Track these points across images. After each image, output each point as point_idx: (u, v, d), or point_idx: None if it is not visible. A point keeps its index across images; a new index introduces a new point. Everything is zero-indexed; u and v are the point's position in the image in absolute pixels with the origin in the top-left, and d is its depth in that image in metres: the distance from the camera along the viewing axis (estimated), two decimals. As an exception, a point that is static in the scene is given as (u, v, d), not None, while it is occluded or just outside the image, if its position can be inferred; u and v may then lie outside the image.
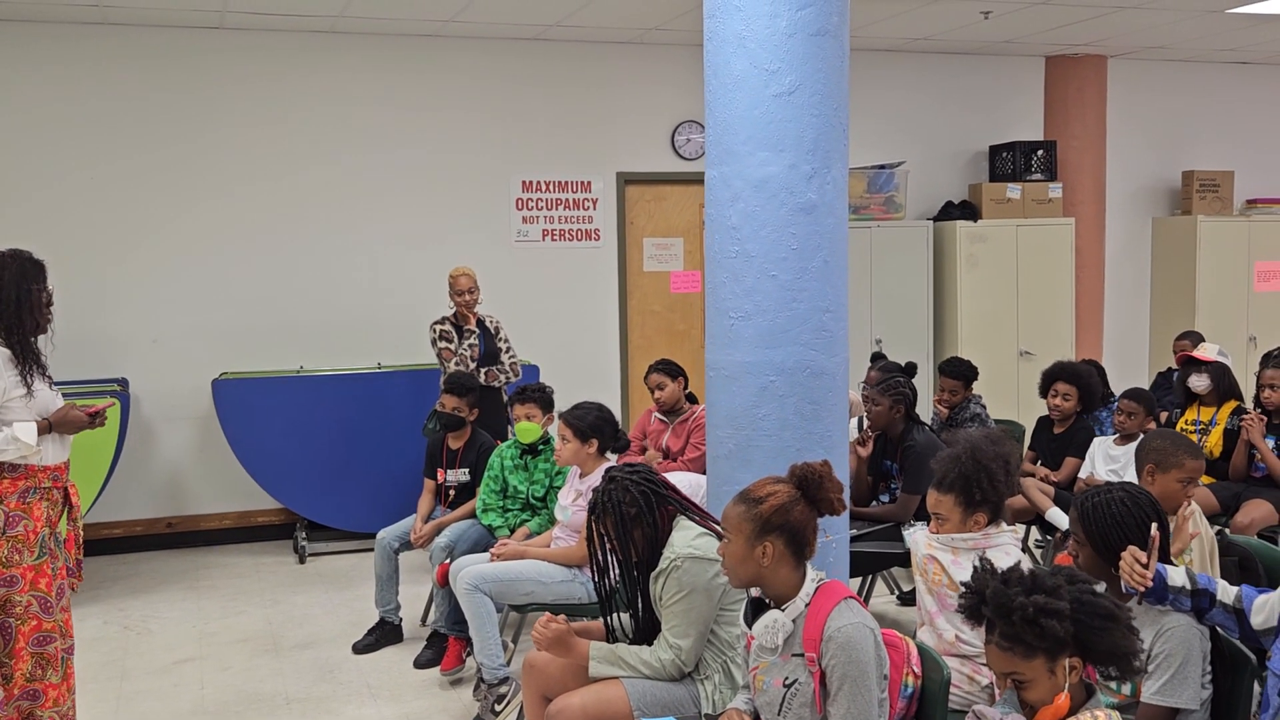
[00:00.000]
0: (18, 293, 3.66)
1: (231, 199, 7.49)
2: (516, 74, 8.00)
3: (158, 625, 5.92)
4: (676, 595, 3.25)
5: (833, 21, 3.72)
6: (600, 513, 3.36)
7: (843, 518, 3.92)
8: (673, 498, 3.40)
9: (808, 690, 2.72)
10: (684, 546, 3.27)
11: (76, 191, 7.21)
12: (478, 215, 7.99)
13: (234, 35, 7.40)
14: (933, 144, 9.09)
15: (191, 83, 7.36)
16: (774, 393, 3.76)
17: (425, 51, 7.79)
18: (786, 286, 3.75)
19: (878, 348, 8.18)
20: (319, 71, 7.59)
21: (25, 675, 3.62)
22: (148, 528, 7.45)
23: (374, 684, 5.05)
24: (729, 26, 3.74)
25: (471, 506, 5.43)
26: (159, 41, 7.28)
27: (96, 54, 7.18)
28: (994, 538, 3.41)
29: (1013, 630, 2.34)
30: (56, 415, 3.70)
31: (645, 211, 8.46)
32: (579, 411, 4.67)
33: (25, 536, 3.61)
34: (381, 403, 7.18)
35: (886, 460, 5.40)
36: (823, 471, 2.84)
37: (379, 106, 7.72)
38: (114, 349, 7.33)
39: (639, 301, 8.49)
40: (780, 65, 3.68)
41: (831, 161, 3.77)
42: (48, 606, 3.65)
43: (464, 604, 4.59)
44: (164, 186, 7.36)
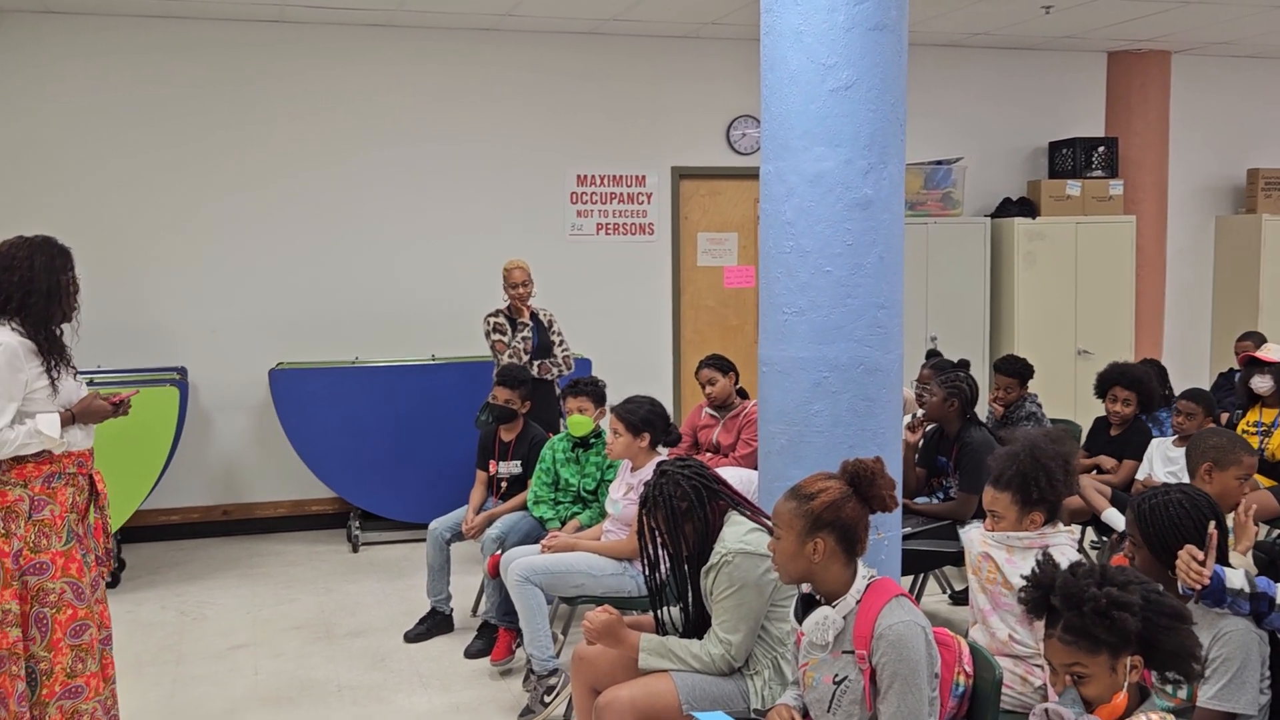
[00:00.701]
0: (49, 282, 3.61)
1: (289, 191, 7.57)
2: (572, 68, 8.02)
3: (213, 611, 6.01)
4: (727, 590, 3.25)
5: (891, 16, 3.70)
6: (651, 506, 3.36)
7: (895, 515, 3.89)
8: (724, 492, 3.39)
9: (858, 687, 2.71)
10: (735, 542, 3.27)
11: (138, 182, 7.32)
12: (532, 209, 8.02)
13: (293, 29, 7.48)
14: (991, 140, 8.99)
15: (251, 75, 7.45)
16: (827, 389, 3.74)
17: (481, 45, 7.83)
18: (841, 282, 3.73)
19: (932, 345, 8.11)
20: (376, 65, 7.66)
21: (66, 670, 3.57)
22: (204, 515, 7.56)
23: (424, 673, 5.09)
24: (786, 21, 3.72)
25: (523, 499, 5.46)
26: (219, 34, 7.38)
27: (158, 46, 7.29)
28: (1050, 537, 3.37)
29: (1081, 622, 2.31)
30: (80, 406, 3.66)
31: (699, 206, 8.45)
32: (631, 405, 4.68)
33: (52, 521, 3.57)
34: (435, 394, 7.23)
35: (941, 456, 5.36)
36: (875, 468, 2.82)
37: (435, 100, 7.77)
38: (174, 338, 7.44)
39: (692, 296, 8.48)
40: (837, 60, 3.66)
41: (888, 157, 3.74)
42: (80, 593, 3.60)
43: (514, 595, 4.61)
44: (223, 178, 7.46)
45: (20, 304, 3.56)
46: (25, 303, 3.57)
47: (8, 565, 3.47)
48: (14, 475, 3.51)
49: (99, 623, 3.68)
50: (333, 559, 7.01)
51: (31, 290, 3.57)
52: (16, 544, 3.50)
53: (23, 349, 3.53)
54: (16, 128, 7.11)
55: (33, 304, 3.57)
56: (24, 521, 3.51)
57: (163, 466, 6.35)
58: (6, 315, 3.56)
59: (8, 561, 3.47)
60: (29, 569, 3.51)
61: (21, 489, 3.52)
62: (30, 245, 3.62)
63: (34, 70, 7.11)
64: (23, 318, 3.57)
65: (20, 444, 3.48)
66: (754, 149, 8.40)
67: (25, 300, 3.56)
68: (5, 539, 3.49)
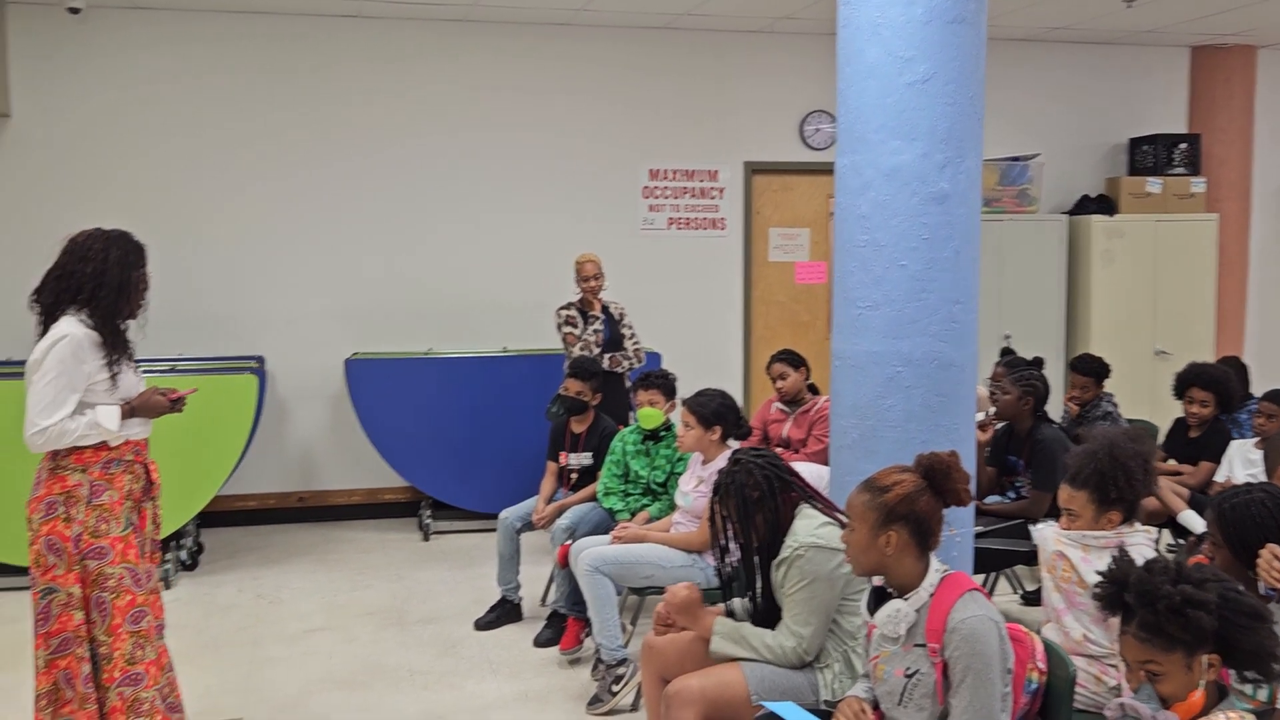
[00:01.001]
0: (120, 277, 3.60)
1: (364, 185, 7.69)
2: (645, 63, 8.05)
3: (288, 595, 6.12)
4: (799, 584, 3.25)
5: (970, 9, 3.67)
6: (723, 494, 3.38)
7: (968, 512, 3.87)
8: (796, 484, 3.40)
9: (929, 681, 2.70)
10: (807, 535, 3.27)
11: (220, 175, 7.48)
12: (604, 203, 8.06)
13: (369, 24, 7.59)
14: (1069, 136, 8.86)
15: (329, 71, 7.58)
16: (900, 383, 3.73)
17: (556, 40, 7.88)
18: (916, 277, 3.71)
19: (1006, 343, 8.02)
20: (451, 60, 7.74)
21: (126, 657, 3.57)
22: (280, 501, 7.71)
23: (494, 660, 5.15)
24: (864, 14, 3.71)
25: (593, 490, 5.49)
26: (298, 29, 7.51)
27: (239, 41, 7.43)
28: (1127, 537, 3.33)
29: (1155, 619, 2.29)
30: (139, 400, 3.66)
31: (772, 201, 8.43)
32: (702, 398, 4.69)
33: (111, 506, 3.57)
34: (506, 386, 7.30)
35: (1012, 455, 5.30)
36: (950, 462, 2.81)
37: (509, 95, 7.84)
38: (252, 328, 7.59)
39: (763, 291, 8.47)
40: (915, 53, 3.65)
41: (965, 151, 3.72)
42: (138, 579, 3.61)
43: (584, 585, 4.65)
44: (300, 173, 7.59)
45: (90, 296, 3.56)
46: (95, 295, 3.56)
47: (69, 550, 3.49)
48: (73, 461, 3.53)
49: (154, 611, 3.69)
50: (404, 547, 7.11)
51: (103, 283, 3.56)
52: (77, 528, 3.51)
53: (88, 341, 3.52)
54: (103, 120, 7.29)
55: (102, 297, 3.56)
56: (84, 506, 3.52)
57: (241, 453, 6.48)
58: (76, 305, 3.57)
59: (69, 546, 3.49)
60: (89, 553, 3.52)
61: (81, 474, 3.53)
62: (106, 239, 3.62)
63: (121, 64, 7.29)
64: (91, 309, 3.56)
65: (79, 435, 3.48)
66: (827, 144, 8.36)
67: (96, 293, 3.56)
68: (66, 523, 3.50)
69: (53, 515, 3.50)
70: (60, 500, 3.51)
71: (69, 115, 7.25)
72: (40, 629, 3.52)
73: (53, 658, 3.52)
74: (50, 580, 3.50)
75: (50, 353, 3.46)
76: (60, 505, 3.51)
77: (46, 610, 3.51)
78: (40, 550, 3.51)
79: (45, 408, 3.44)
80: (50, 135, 7.23)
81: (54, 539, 3.49)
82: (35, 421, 3.44)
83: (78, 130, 7.26)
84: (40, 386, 3.45)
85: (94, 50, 7.25)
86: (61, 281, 3.56)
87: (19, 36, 7.12)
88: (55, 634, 3.51)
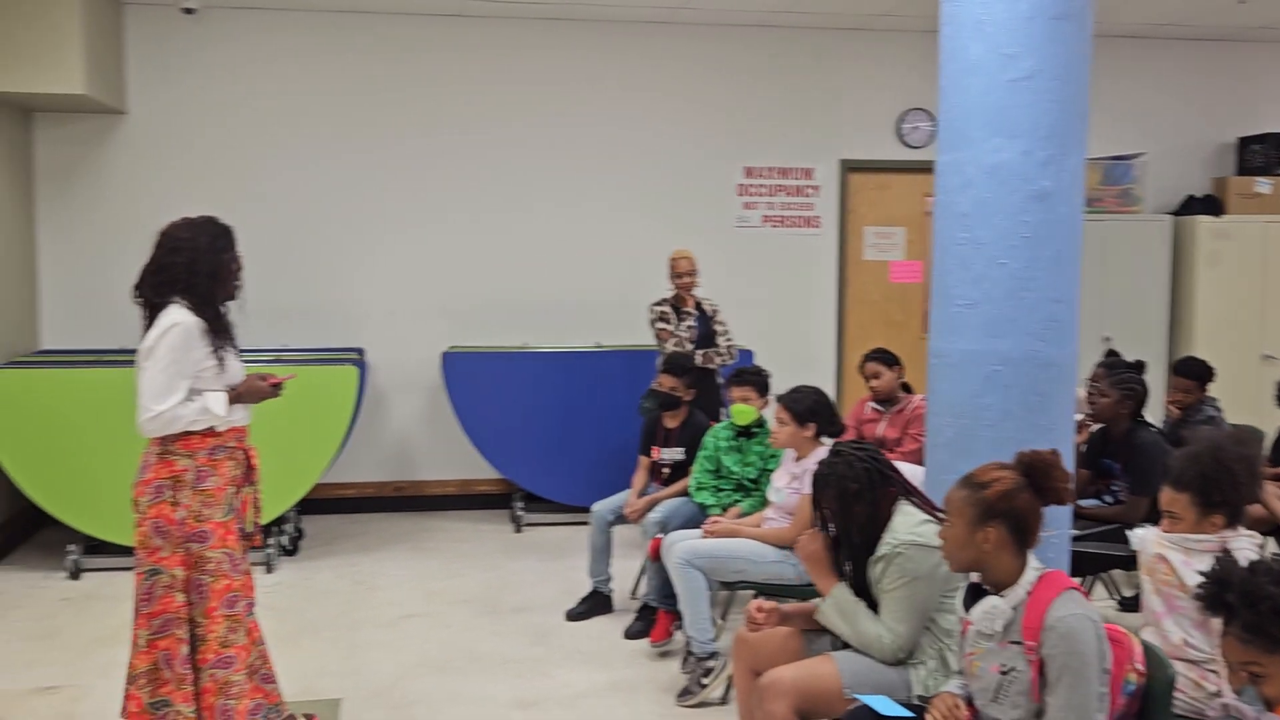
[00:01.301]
0: (212, 262, 3.68)
1: (463, 181, 7.81)
2: (742, 60, 8.06)
3: (385, 581, 6.26)
4: (898, 581, 3.26)
5: (1076, 5, 3.63)
6: (822, 484, 3.39)
7: (1065, 514, 3.83)
8: (896, 479, 3.39)
9: (1025, 679, 2.69)
10: (906, 533, 3.27)
11: (323, 171, 7.66)
12: (699, 199, 8.09)
13: (472, 23, 7.72)
14: (1175, 135, 8.67)
15: (431, 68, 7.72)
16: (998, 382, 3.71)
17: (654, 37, 7.93)
18: (1016, 275, 3.68)
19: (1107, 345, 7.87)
20: (549, 57, 7.83)
21: (220, 640, 3.66)
22: (377, 490, 7.87)
23: (585, 650, 5.21)
24: (967, 10, 3.69)
25: (684, 484, 5.53)
26: (402, 28, 7.66)
27: (344, 39, 7.61)
28: (1230, 541, 3.26)
29: (1257, 620, 2.26)
30: (244, 386, 3.76)
31: (867, 200, 8.38)
32: (797, 395, 4.70)
33: (214, 492, 3.66)
34: (599, 381, 7.37)
35: (1107, 459, 5.22)
36: (1051, 460, 2.79)
37: (606, 91, 7.91)
38: (353, 320, 7.77)
39: (857, 290, 8.43)
40: (1019, 50, 3.62)
41: (1068, 149, 3.68)
42: (236, 564, 3.71)
43: (676, 578, 4.69)
44: (402, 168, 7.74)
45: (187, 285, 3.64)
46: (191, 283, 3.64)
47: (174, 533, 3.60)
48: (181, 447, 3.62)
49: (245, 593, 3.78)
50: (497, 538, 7.22)
51: (196, 271, 3.64)
52: (182, 512, 3.61)
53: (196, 328, 3.61)
54: (214, 116, 7.52)
55: (198, 284, 3.64)
56: (190, 491, 3.62)
57: (341, 442, 6.63)
58: (176, 295, 3.64)
59: (174, 529, 3.60)
60: (192, 537, 3.62)
61: (188, 460, 3.63)
62: (193, 226, 3.70)
63: (232, 62, 7.51)
64: (191, 298, 3.64)
65: (190, 420, 3.58)
66: (925, 142, 8.29)
67: (191, 281, 3.64)
68: (173, 507, 3.60)
69: (160, 499, 3.61)
70: (168, 484, 3.62)
71: (182, 112, 7.49)
72: (143, 609, 3.63)
73: (154, 638, 3.63)
74: (155, 562, 3.61)
75: (162, 340, 3.56)
76: (168, 489, 3.62)
77: (150, 591, 3.62)
78: (147, 532, 3.62)
79: (158, 394, 3.54)
80: (164, 131, 7.48)
81: (160, 522, 3.60)
82: (149, 407, 3.54)
83: (190, 127, 7.50)
84: (153, 373, 3.55)
85: (206, 49, 7.48)
86: (158, 275, 3.66)
87: (136, 36, 7.38)
88: (157, 614, 3.62)
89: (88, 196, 7.43)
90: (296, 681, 4.81)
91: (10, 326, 6.93)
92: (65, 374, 6.20)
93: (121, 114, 7.40)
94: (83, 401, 6.16)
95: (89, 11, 6.60)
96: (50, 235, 7.42)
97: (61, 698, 4.65)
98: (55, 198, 7.41)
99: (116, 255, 7.33)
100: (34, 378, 6.18)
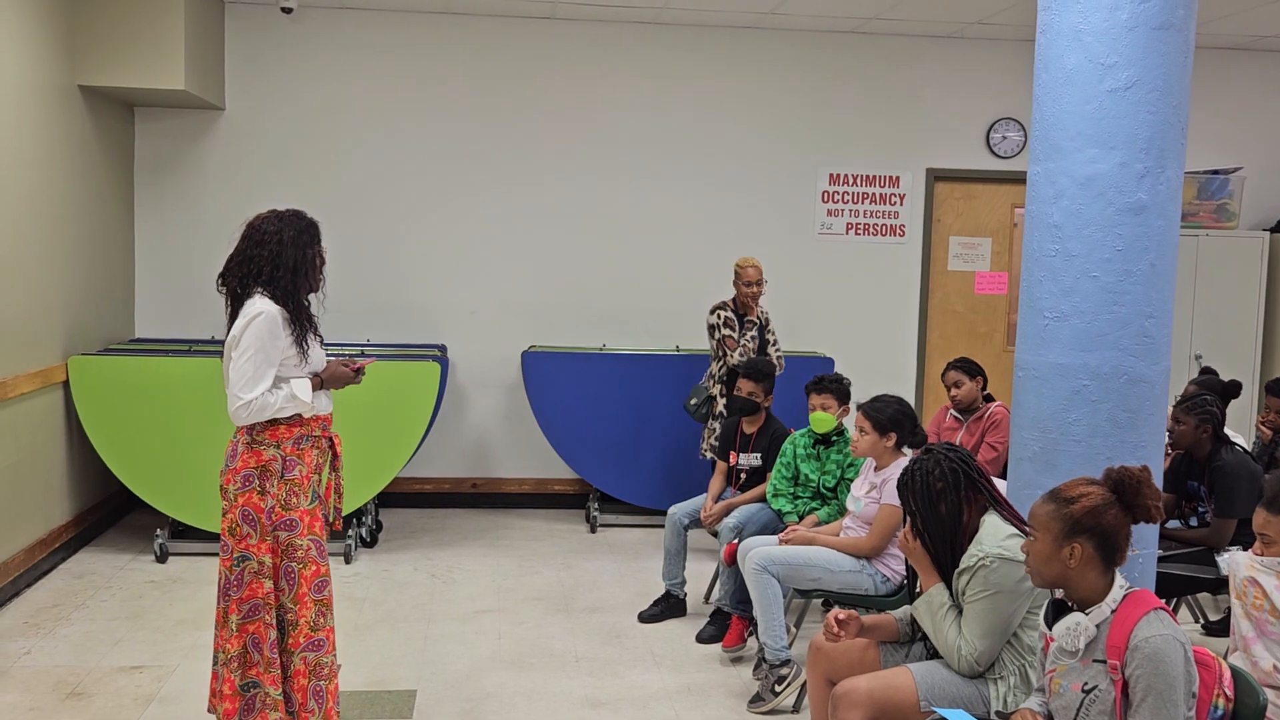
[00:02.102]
0: (296, 256, 3.74)
1: (547, 183, 7.87)
2: (831, 66, 8.02)
3: (461, 576, 6.33)
4: (982, 593, 3.22)
5: (1178, 15, 3.56)
6: (908, 480, 3.37)
7: (1152, 535, 3.75)
8: (985, 487, 3.35)
9: (1108, 698, 2.64)
10: (994, 545, 3.23)
11: (413, 172, 7.77)
12: (783, 205, 8.06)
13: (562, 25, 7.77)
14: (1274, 150, 8.46)
15: (520, 70, 7.79)
16: (1086, 397, 3.65)
17: (742, 42, 7.92)
18: (1108, 289, 3.62)
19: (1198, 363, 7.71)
20: (639, 61, 7.86)
21: (310, 624, 3.73)
22: (455, 486, 7.96)
23: (658, 652, 5.22)
24: (1065, 19, 3.64)
25: (761, 490, 5.51)
26: (495, 30, 7.74)
27: (435, 40, 7.71)
28: (1326, 567, 3.18)
29: None
30: (327, 372, 3.84)
31: (954, 209, 8.29)
32: (879, 404, 4.66)
33: (300, 481, 3.73)
34: (677, 384, 7.37)
35: (1192, 481, 5.12)
36: (1141, 477, 2.74)
37: (693, 96, 7.92)
38: (436, 317, 7.87)
39: (940, 300, 8.34)
40: (1117, 59, 3.56)
41: (1166, 161, 3.61)
42: (322, 550, 3.78)
43: (751, 584, 4.68)
44: (488, 169, 7.82)
45: (270, 276, 3.71)
46: (275, 275, 3.71)
47: (263, 521, 3.68)
48: (268, 436, 3.70)
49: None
50: (572, 537, 7.25)
51: (280, 263, 3.71)
52: (270, 501, 3.68)
53: (280, 317, 3.68)
54: (308, 115, 7.67)
55: (281, 276, 3.71)
56: (277, 480, 3.69)
57: (421, 437, 6.72)
58: (260, 286, 3.72)
59: (263, 517, 3.67)
60: (280, 525, 3.69)
61: (275, 449, 3.70)
62: (280, 219, 3.78)
63: (327, 61, 7.65)
64: (274, 289, 3.72)
65: (278, 408, 3.66)
66: (1015, 152, 8.18)
67: (275, 273, 3.71)
68: (261, 496, 3.68)
69: (249, 487, 3.69)
70: (256, 474, 3.69)
71: (278, 110, 7.64)
72: (232, 594, 3.71)
73: (243, 622, 3.70)
74: (244, 549, 3.69)
75: (248, 330, 3.64)
76: (256, 478, 3.69)
77: (240, 577, 3.70)
78: (235, 520, 3.69)
79: (247, 382, 3.61)
80: (260, 129, 7.64)
81: (249, 510, 3.68)
82: (238, 395, 3.61)
83: (285, 124, 7.66)
84: (240, 362, 3.63)
85: (303, 48, 7.63)
86: (243, 266, 3.74)
87: (235, 34, 7.55)
88: (246, 600, 3.70)
89: (183, 190, 7.62)
90: (374, 671, 4.88)
91: (109, 314, 7.13)
92: (157, 362, 6.36)
93: (219, 110, 7.58)
94: (173, 389, 6.31)
95: (193, 10, 6.77)
96: (147, 226, 7.62)
97: (146, 677, 4.77)
98: (153, 190, 7.61)
99: (209, 248, 7.51)
100: (128, 365, 6.35)
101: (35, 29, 5.93)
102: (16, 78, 5.71)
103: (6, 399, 5.62)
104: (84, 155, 6.67)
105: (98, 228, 6.92)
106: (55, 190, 6.23)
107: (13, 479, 5.75)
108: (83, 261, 6.68)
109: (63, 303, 6.38)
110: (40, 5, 5.99)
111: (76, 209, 6.56)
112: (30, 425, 5.98)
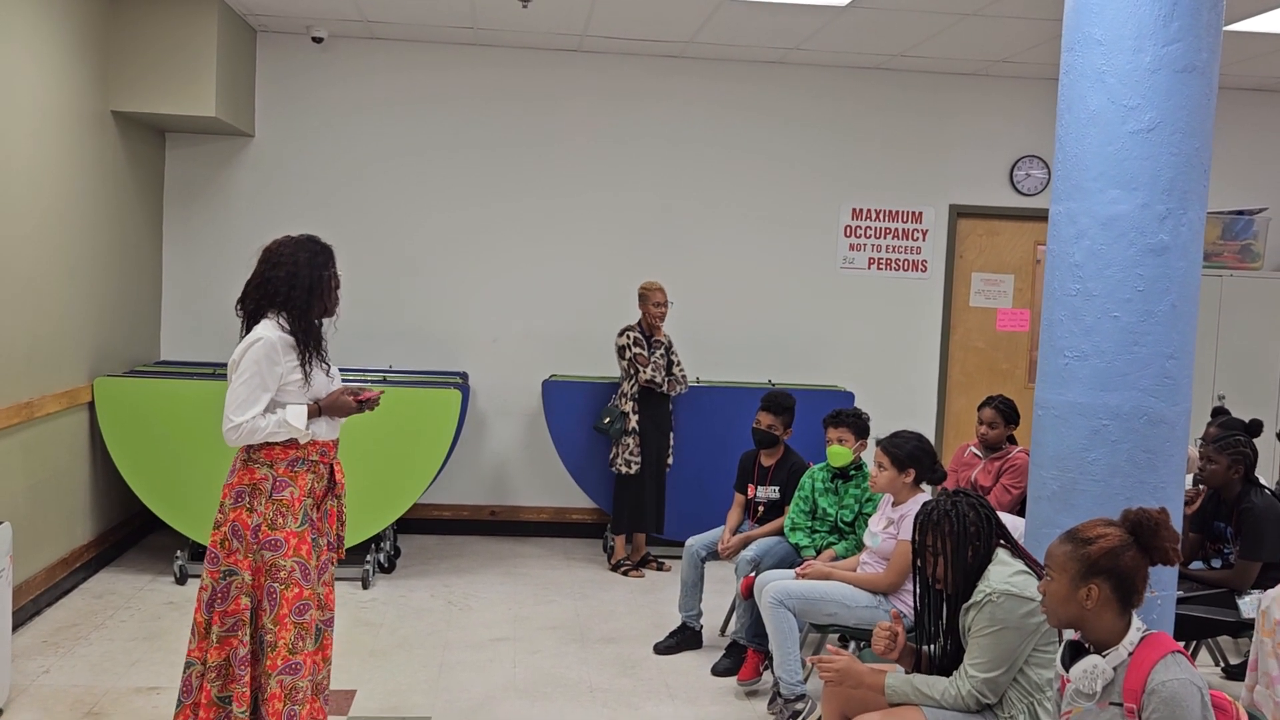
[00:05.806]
0: (311, 278, 3.80)
1: (570, 213, 7.92)
2: (855, 102, 8.05)
3: (477, 603, 6.33)
4: (987, 628, 3.22)
5: (1202, 58, 3.58)
6: (938, 519, 3.35)
7: (1171, 576, 3.74)
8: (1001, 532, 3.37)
9: (1124, 742, 2.63)
10: (1001, 582, 3.23)
11: (438, 200, 7.84)
12: (805, 239, 8.08)
13: (588, 58, 7.84)
14: (1299, 192, 8.44)
15: (546, 102, 7.86)
16: (1106, 437, 3.64)
17: (767, 77, 7.97)
18: (1129, 329, 3.62)
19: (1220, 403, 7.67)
20: (664, 95, 7.92)
21: (288, 646, 3.74)
22: (473, 513, 7.97)
23: (672, 684, 5.21)
24: (1088, 61, 3.66)
25: (779, 524, 5.51)
26: (521, 61, 7.82)
27: (464, 71, 7.79)
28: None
29: None
30: (328, 400, 3.85)
31: (976, 246, 8.30)
32: (898, 440, 4.66)
33: (290, 502, 3.75)
34: (696, 415, 7.38)
35: (1219, 522, 5.09)
36: (1159, 519, 2.73)
37: (716, 131, 7.96)
38: (458, 345, 7.91)
39: (962, 337, 8.33)
40: (1140, 101, 3.57)
41: (1189, 203, 3.62)
42: (307, 574, 3.78)
43: (767, 617, 4.67)
44: (512, 199, 7.88)
45: (285, 299, 3.78)
46: (290, 297, 3.78)
47: (249, 538, 3.72)
48: (263, 455, 3.76)
49: (321, 604, 3.85)
50: (588, 567, 7.25)
51: (295, 285, 3.78)
52: (257, 519, 3.73)
53: (281, 344, 3.75)
54: (335, 143, 7.75)
55: (296, 298, 3.78)
56: (265, 499, 3.74)
57: (441, 464, 6.74)
58: (274, 309, 3.80)
59: (249, 534, 3.72)
60: (265, 544, 3.73)
61: (267, 469, 3.75)
62: (295, 244, 3.85)
63: (355, 90, 7.74)
64: (288, 311, 3.79)
65: (269, 432, 3.71)
66: (1038, 190, 8.19)
67: (290, 295, 3.78)
68: (248, 513, 3.74)
69: (239, 504, 3.76)
70: (247, 491, 3.76)
71: (306, 137, 7.73)
72: (218, 607, 3.75)
73: (225, 635, 3.76)
74: (232, 563, 3.75)
75: (247, 354, 3.72)
76: (246, 495, 3.76)
77: (226, 590, 3.75)
78: (226, 534, 3.76)
79: (239, 405, 3.69)
80: (287, 156, 7.73)
81: (238, 526, 3.75)
82: (230, 418, 3.70)
83: (312, 152, 7.74)
84: (236, 385, 3.71)
85: (332, 77, 7.72)
86: (260, 289, 3.82)
87: (266, 62, 7.65)
88: (230, 614, 3.74)
89: (211, 215, 7.71)
90: (389, 698, 4.89)
91: (135, 337, 7.20)
92: (181, 385, 6.42)
93: (249, 137, 7.67)
94: (196, 412, 6.36)
95: (225, 38, 6.87)
96: (174, 250, 7.70)
97: (162, 698, 4.79)
98: (181, 214, 7.69)
99: (235, 272, 7.58)
100: (152, 387, 6.41)
101: (70, 55, 6.03)
102: (51, 103, 5.80)
103: (33, 419, 5.68)
104: (115, 179, 6.76)
105: (126, 250, 7.01)
106: (85, 213, 6.31)
107: (37, 498, 5.81)
108: (111, 284, 6.76)
109: (90, 324, 6.45)
110: (76, 32, 6.09)
111: (106, 232, 6.64)
112: (55, 445, 6.04)
